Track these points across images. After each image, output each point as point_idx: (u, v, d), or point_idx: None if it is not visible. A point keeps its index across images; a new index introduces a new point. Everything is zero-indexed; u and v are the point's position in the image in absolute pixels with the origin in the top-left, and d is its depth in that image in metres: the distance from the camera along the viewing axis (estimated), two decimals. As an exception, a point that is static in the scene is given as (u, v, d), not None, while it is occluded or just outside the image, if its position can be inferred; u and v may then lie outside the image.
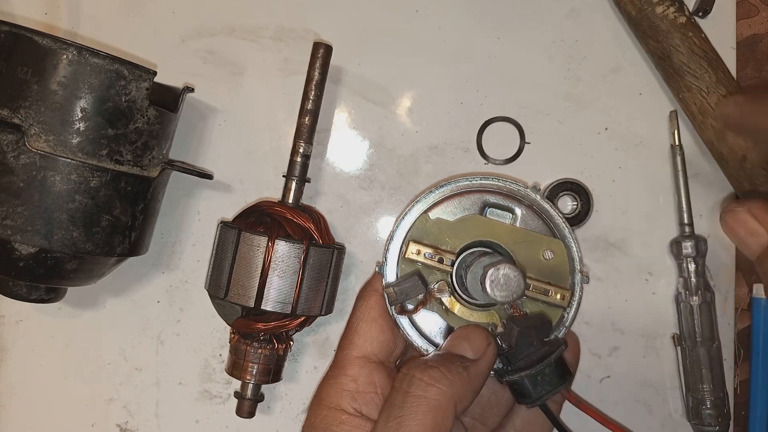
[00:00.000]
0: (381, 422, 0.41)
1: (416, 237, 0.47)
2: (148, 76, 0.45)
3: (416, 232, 0.48)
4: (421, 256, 0.47)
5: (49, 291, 0.48)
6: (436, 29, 0.57)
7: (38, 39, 0.42)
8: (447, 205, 0.48)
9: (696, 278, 0.53)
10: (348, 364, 0.47)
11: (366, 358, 0.47)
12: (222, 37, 0.57)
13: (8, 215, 0.43)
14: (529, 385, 0.43)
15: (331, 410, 0.45)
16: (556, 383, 0.43)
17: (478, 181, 0.48)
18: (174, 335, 0.57)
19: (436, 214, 0.48)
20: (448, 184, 0.48)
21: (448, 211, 0.48)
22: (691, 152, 0.56)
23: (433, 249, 0.47)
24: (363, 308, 0.49)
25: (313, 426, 0.46)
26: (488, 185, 0.48)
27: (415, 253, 0.47)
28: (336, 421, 0.44)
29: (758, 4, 0.60)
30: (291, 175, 0.52)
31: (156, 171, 0.48)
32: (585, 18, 0.57)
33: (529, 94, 0.57)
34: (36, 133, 0.42)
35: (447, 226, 0.48)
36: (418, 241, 0.47)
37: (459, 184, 0.48)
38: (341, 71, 0.57)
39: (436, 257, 0.47)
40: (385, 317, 0.48)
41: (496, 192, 0.48)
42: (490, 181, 0.48)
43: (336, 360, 0.49)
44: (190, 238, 0.57)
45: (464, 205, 0.48)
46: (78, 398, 0.57)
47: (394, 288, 0.46)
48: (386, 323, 0.48)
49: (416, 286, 0.46)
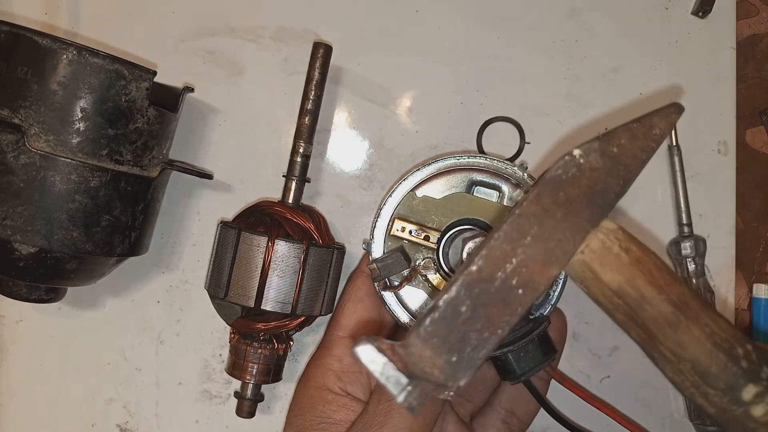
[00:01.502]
0: (372, 404, 0.42)
1: (403, 214, 0.48)
2: (148, 76, 0.45)
3: (403, 209, 0.48)
4: (406, 233, 0.47)
5: (49, 291, 0.48)
6: (436, 29, 0.57)
7: (38, 39, 0.42)
8: (434, 183, 0.49)
9: (696, 278, 0.54)
10: (333, 345, 0.48)
11: (352, 338, 0.48)
12: (222, 37, 0.57)
13: (8, 215, 0.43)
14: (512, 361, 0.43)
15: (318, 390, 0.46)
16: (540, 360, 0.43)
17: (465, 159, 0.49)
18: (174, 335, 0.57)
19: (423, 192, 0.49)
20: (435, 162, 0.49)
21: (435, 189, 0.49)
22: (689, 153, 0.56)
23: (419, 226, 0.47)
24: (350, 289, 0.50)
25: (300, 405, 0.47)
26: (475, 163, 0.49)
27: (400, 230, 0.47)
28: (322, 401, 0.45)
29: (758, 4, 0.60)
30: (291, 175, 0.52)
31: (156, 171, 0.48)
32: (585, 18, 0.57)
33: (529, 94, 0.57)
34: (36, 133, 0.42)
35: (433, 203, 0.48)
36: (404, 218, 0.48)
37: (446, 162, 0.49)
38: (341, 71, 0.57)
39: (422, 234, 0.47)
40: (371, 297, 0.48)
41: (483, 170, 0.49)
42: (477, 159, 0.49)
43: (323, 341, 0.50)
44: (190, 238, 0.57)
45: (451, 183, 0.49)
46: (78, 398, 0.56)
47: (377, 264, 0.46)
48: (372, 303, 0.48)
49: (399, 262, 0.46)
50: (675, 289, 0.34)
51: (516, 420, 0.49)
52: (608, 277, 0.34)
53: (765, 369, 0.32)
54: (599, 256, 0.34)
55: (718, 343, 0.33)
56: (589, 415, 0.46)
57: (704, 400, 0.33)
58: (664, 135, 0.35)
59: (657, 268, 0.34)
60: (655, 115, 0.35)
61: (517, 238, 0.33)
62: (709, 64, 0.58)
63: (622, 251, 0.34)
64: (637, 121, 0.35)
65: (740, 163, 0.58)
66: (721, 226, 0.57)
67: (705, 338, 0.33)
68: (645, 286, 0.34)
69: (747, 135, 0.60)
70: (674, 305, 0.34)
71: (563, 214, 0.34)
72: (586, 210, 0.34)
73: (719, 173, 0.57)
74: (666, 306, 0.34)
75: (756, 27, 0.60)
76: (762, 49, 0.60)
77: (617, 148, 0.34)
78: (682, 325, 0.33)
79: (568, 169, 0.34)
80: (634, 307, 0.34)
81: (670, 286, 0.34)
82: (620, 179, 0.34)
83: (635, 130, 0.35)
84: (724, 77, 0.58)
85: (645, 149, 0.35)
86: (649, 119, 0.35)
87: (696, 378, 0.33)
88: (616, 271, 0.34)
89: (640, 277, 0.34)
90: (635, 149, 0.35)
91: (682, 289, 0.34)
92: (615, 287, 0.34)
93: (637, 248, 0.35)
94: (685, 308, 0.33)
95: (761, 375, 0.32)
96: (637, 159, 0.35)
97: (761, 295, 0.57)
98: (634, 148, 0.35)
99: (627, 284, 0.34)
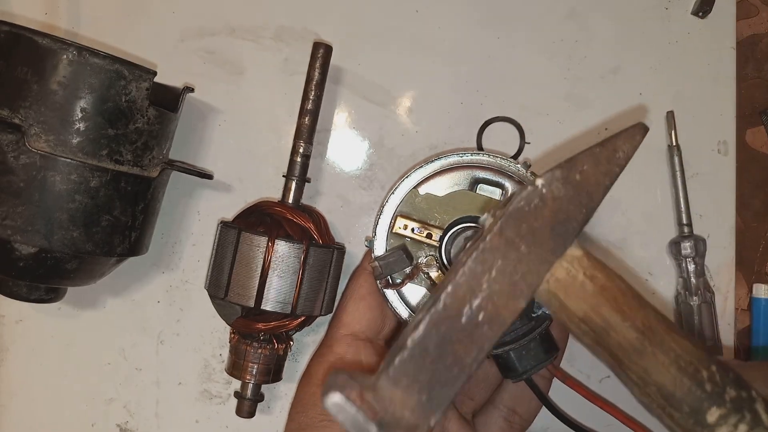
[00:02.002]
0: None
1: (405, 212, 0.48)
2: (148, 76, 0.45)
3: (405, 207, 0.48)
4: (408, 231, 0.47)
5: (49, 291, 0.48)
6: (436, 29, 0.57)
7: (38, 39, 0.42)
8: (437, 180, 0.49)
9: (696, 278, 0.54)
10: (335, 342, 0.48)
11: (353, 335, 0.48)
12: (222, 37, 0.57)
13: (8, 215, 0.43)
14: (514, 359, 0.43)
15: (319, 387, 0.46)
16: (542, 358, 0.43)
17: (468, 156, 0.49)
18: (174, 335, 0.57)
19: (426, 190, 0.48)
20: (438, 160, 0.49)
21: (438, 186, 0.49)
22: (689, 153, 0.56)
23: (421, 224, 0.47)
24: (352, 286, 0.50)
25: (302, 402, 0.47)
26: (478, 161, 0.49)
27: (402, 227, 0.47)
28: None
29: (758, 4, 0.60)
30: (291, 175, 0.52)
31: (156, 171, 0.48)
32: (585, 18, 0.57)
33: (529, 94, 0.57)
34: (36, 133, 0.42)
35: (436, 201, 0.48)
36: (407, 216, 0.48)
37: (449, 159, 0.49)
38: (341, 71, 0.57)
39: (425, 232, 0.47)
40: (373, 295, 0.48)
41: (486, 168, 0.49)
42: (481, 157, 0.49)
43: (325, 338, 0.50)
44: (190, 238, 0.57)
45: (455, 181, 0.49)
46: (78, 398, 0.56)
47: (379, 261, 0.46)
48: (375, 301, 0.48)
49: (400, 260, 0.46)
50: (640, 315, 0.34)
51: (518, 418, 0.49)
52: (574, 306, 0.34)
53: (729, 390, 0.33)
54: (564, 285, 0.34)
55: (683, 367, 0.33)
56: (591, 413, 0.46)
57: (671, 422, 0.34)
58: (628, 158, 0.35)
59: (622, 294, 0.34)
60: (619, 138, 0.35)
61: (481, 273, 0.33)
62: (709, 64, 0.58)
63: (586, 279, 0.34)
64: (600, 145, 0.35)
65: (740, 163, 0.58)
66: (721, 226, 0.57)
67: (669, 363, 0.33)
68: (610, 313, 0.34)
69: (747, 135, 0.60)
70: (639, 331, 0.34)
71: (527, 246, 0.33)
72: (550, 241, 0.34)
73: (719, 173, 0.57)
74: (631, 332, 0.34)
75: (756, 27, 0.60)
76: (762, 49, 0.60)
77: (580, 175, 0.34)
78: (646, 351, 0.33)
79: (531, 199, 0.34)
80: (600, 333, 0.34)
81: (635, 312, 0.34)
82: (583, 207, 0.34)
83: (598, 155, 0.34)
84: (724, 77, 0.58)
85: (608, 174, 0.34)
86: (613, 143, 0.35)
87: (662, 401, 0.33)
88: (581, 300, 0.34)
89: (605, 305, 0.34)
90: (598, 175, 0.34)
91: (647, 314, 0.34)
92: (581, 315, 0.34)
93: (602, 275, 0.34)
94: (649, 334, 0.33)
95: (725, 397, 0.33)
96: (600, 185, 0.34)
97: (761, 295, 0.57)
98: (597, 173, 0.34)
99: (592, 312, 0.34)
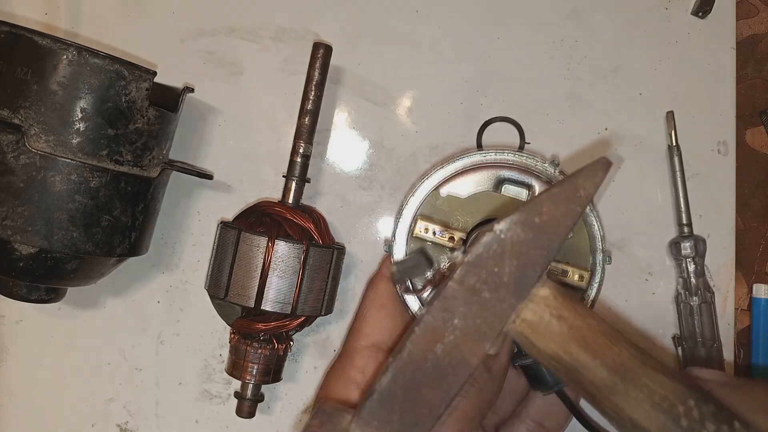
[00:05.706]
0: None
1: (426, 214, 0.46)
2: (148, 77, 0.45)
3: (426, 209, 0.46)
4: (429, 234, 0.45)
5: (49, 291, 0.48)
6: (436, 29, 0.57)
7: (38, 39, 0.42)
8: (459, 181, 0.46)
9: (695, 278, 0.54)
10: (356, 354, 0.45)
11: (375, 347, 0.45)
12: (222, 37, 0.57)
13: (8, 215, 0.43)
14: (545, 372, 0.41)
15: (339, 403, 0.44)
16: None
17: (492, 155, 0.46)
18: (174, 335, 0.57)
19: (448, 191, 0.46)
20: (460, 159, 0.46)
21: (460, 187, 0.46)
22: (689, 153, 0.56)
23: (443, 227, 0.45)
24: (370, 294, 0.47)
25: None
26: (503, 160, 0.46)
27: (423, 230, 0.45)
28: None
29: (758, 4, 0.60)
30: (291, 175, 0.52)
31: (156, 171, 0.48)
32: (585, 18, 0.57)
33: (529, 94, 0.57)
34: (36, 134, 0.42)
35: (458, 203, 0.46)
36: (428, 218, 0.45)
37: (472, 158, 0.46)
38: (341, 71, 0.57)
39: (447, 235, 0.45)
40: (394, 303, 0.46)
41: (511, 167, 0.46)
42: (505, 156, 0.46)
43: (344, 350, 0.47)
44: (190, 238, 0.57)
45: (478, 181, 0.46)
46: (78, 398, 0.56)
47: (398, 266, 0.43)
48: (396, 309, 0.46)
49: (420, 264, 0.43)
50: (611, 353, 0.33)
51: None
52: (542, 345, 0.34)
53: (707, 425, 0.32)
54: (531, 325, 0.34)
55: (657, 403, 0.32)
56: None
57: None
58: (590, 195, 0.34)
59: (592, 333, 0.34)
60: (580, 176, 0.34)
61: (445, 320, 0.33)
62: (709, 64, 0.58)
63: (553, 319, 0.34)
64: (560, 184, 0.34)
65: (740, 163, 0.58)
66: (721, 226, 0.57)
67: (643, 399, 0.33)
68: (579, 352, 0.34)
69: (747, 135, 0.60)
70: (610, 369, 0.33)
71: (489, 292, 0.33)
72: (512, 285, 0.34)
73: (719, 173, 0.57)
74: (602, 371, 0.33)
75: (756, 27, 0.60)
76: (762, 49, 0.60)
77: (539, 218, 0.34)
78: (618, 388, 0.33)
79: (490, 246, 0.33)
80: (571, 371, 0.34)
81: (605, 351, 0.33)
82: (544, 250, 0.34)
83: (557, 196, 0.34)
84: (724, 77, 0.58)
85: (569, 214, 0.34)
86: (573, 181, 0.34)
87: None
88: (549, 340, 0.34)
89: (573, 344, 0.34)
90: (559, 216, 0.34)
91: (619, 352, 0.34)
92: (550, 353, 0.34)
93: (569, 314, 0.34)
94: (621, 371, 0.33)
95: None
96: (561, 226, 0.34)
97: (761, 295, 0.57)
98: (558, 214, 0.34)
99: (561, 351, 0.34)
